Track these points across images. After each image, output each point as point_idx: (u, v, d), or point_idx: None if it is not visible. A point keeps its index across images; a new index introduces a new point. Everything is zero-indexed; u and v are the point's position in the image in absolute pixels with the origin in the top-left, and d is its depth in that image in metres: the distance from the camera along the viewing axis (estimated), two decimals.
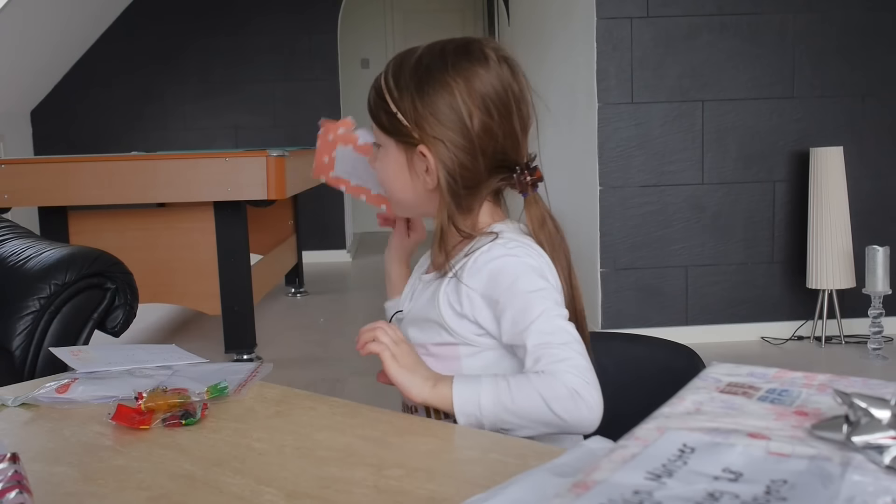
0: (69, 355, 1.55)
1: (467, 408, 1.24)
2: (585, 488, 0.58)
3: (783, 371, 0.80)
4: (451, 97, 1.36)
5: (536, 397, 1.22)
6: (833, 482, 0.58)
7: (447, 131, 1.36)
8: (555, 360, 1.25)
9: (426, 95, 1.36)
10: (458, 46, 1.41)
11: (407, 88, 1.38)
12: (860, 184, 4.80)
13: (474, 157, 1.38)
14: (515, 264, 1.35)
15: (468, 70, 1.37)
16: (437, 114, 1.36)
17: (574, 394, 1.21)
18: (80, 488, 1.02)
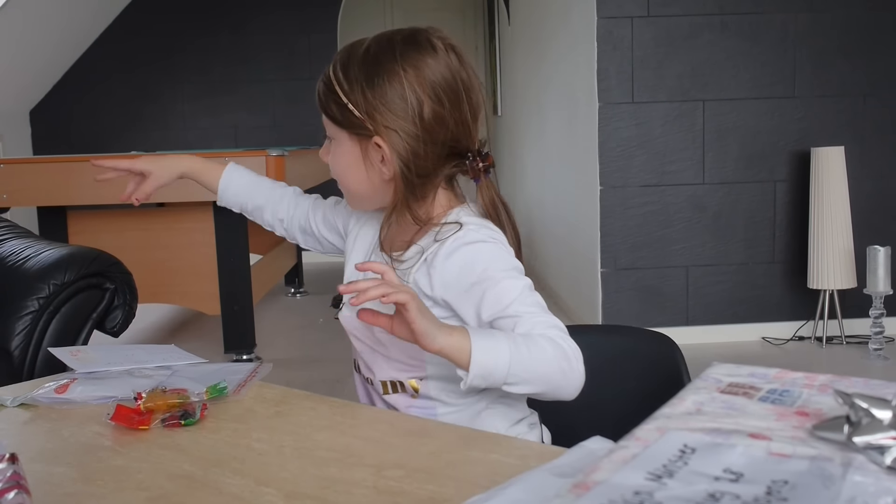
0: (68, 355, 1.55)
1: (485, 360, 1.23)
2: (586, 489, 0.59)
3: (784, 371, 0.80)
4: (402, 87, 1.37)
5: (550, 355, 1.25)
6: (834, 483, 0.58)
7: (399, 121, 1.37)
8: (548, 327, 1.29)
9: (377, 86, 1.37)
10: (406, 36, 1.42)
11: (357, 80, 1.38)
12: (861, 184, 4.79)
13: (426, 145, 1.39)
14: (490, 248, 1.39)
15: (417, 59, 1.39)
16: (388, 104, 1.37)
17: (574, 358, 1.27)
18: (79, 488, 1.02)
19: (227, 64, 8.23)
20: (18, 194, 4.48)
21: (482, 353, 1.23)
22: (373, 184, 1.44)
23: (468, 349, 1.23)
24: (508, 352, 1.23)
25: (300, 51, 8.28)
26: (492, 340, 1.25)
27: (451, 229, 1.41)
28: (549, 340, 1.27)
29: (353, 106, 1.38)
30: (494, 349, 1.23)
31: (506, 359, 1.23)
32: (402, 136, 1.38)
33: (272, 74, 8.25)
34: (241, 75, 8.24)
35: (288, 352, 4.99)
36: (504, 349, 1.23)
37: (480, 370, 1.23)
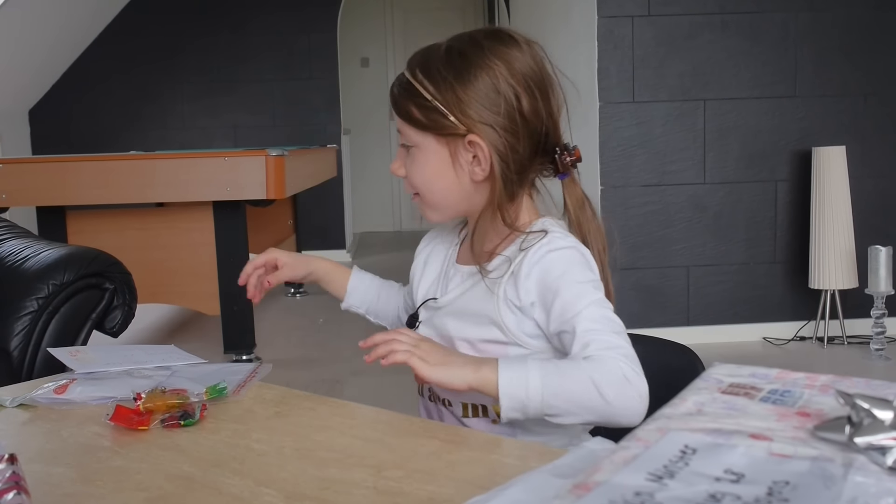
0: (67, 356, 1.54)
1: (514, 391, 1.19)
2: (586, 489, 0.59)
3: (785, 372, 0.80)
4: (495, 80, 1.33)
5: (586, 380, 1.17)
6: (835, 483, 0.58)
7: (495, 116, 1.33)
8: (605, 347, 1.22)
9: (468, 82, 1.33)
10: (487, 32, 1.39)
11: (444, 78, 1.34)
12: (863, 183, 4.78)
13: (521, 140, 1.35)
14: (571, 255, 1.34)
15: (505, 52, 1.35)
16: (482, 99, 1.33)
17: (624, 380, 1.17)
18: (78, 489, 1.01)
19: (226, 63, 8.22)
20: (17, 194, 4.47)
21: (509, 383, 1.19)
22: (463, 188, 1.39)
23: (495, 383, 1.20)
24: (540, 380, 1.18)
25: (300, 51, 8.25)
26: (521, 370, 1.20)
27: (537, 237, 1.36)
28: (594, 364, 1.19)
29: (443, 105, 1.34)
30: (524, 378, 1.19)
31: (537, 387, 1.18)
32: (499, 132, 1.33)
33: (272, 74, 8.24)
34: (241, 75, 8.23)
35: (288, 352, 4.97)
36: (535, 377, 1.19)
37: (511, 402, 1.19)
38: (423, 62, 1.37)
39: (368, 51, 10.07)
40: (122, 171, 4.53)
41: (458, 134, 1.34)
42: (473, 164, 1.36)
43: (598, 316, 1.27)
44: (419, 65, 1.37)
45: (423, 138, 1.37)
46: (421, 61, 1.38)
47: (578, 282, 1.30)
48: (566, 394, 1.18)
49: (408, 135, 1.39)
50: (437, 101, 1.34)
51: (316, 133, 8.17)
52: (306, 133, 8.12)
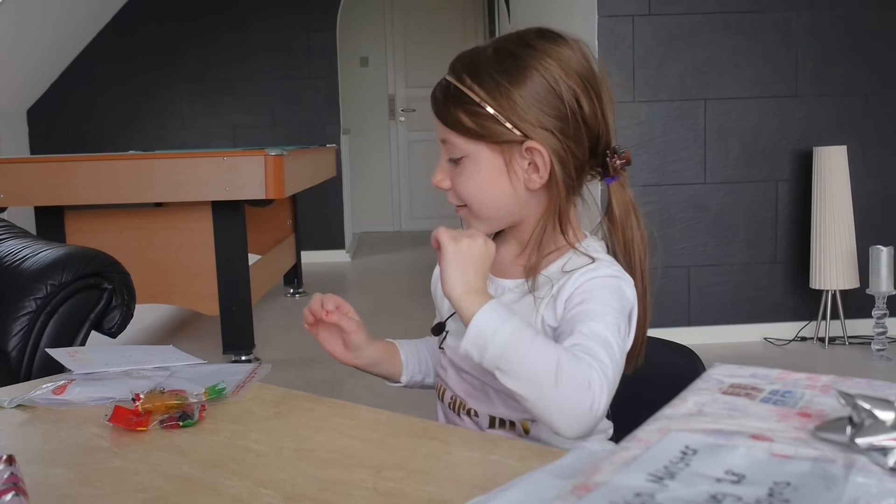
0: (66, 356, 1.53)
1: (483, 328, 1.13)
2: (586, 490, 0.58)
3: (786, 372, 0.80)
4: (553, 81, 1.26)
5: (552, 361, 1.10)
6: (836, 484, 0.58)
7: (553, 119, 1.26)
8: (589, 353, 1.14)
9: (523, 84, 1.25)
10: (536, 32, 1.32)
11: (497, 82, 1.26)
12: (864, 183, 4.78)
13: (580, 142, 1.29)
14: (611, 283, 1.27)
15: (557, 51, 1.28)
16: (540, 102, 1.26)
17: (586, 384, 1.10)
18: (77, 490, 1.01)
19: (225, 63, 8.21)
20: (15, 194, 4.46)
21: (486, 316, 1.14)
22: (517, 198, 1.31)
23: (472, 313, 1.15)
24: (510, 334, 1.12)
25: (299, 50, 8.24)
26: (502, 317, 1.14)
27: (584, 261, 1.29)
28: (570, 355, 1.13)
29: (498, 111, 1.26)
30: (499, 324, 1.13)
31: (505, 338, 1.12)
32: (559, 136, 1.27)
33: (271, 74, 8.23)
34: (240, 74, 8.22)
35: (287, 352, 4.95)
36: (509, 329, 1.13)
37: (476, 334, 1.14)
38: (471, 65, 1.30)
39: (368, 50, 10.04)
40: (121, 170, 4.52)
41: (515, 140, 1.27)
42: (530, 172, 1.29)
43: (601, 333, 1.19)
44: (466, 69, 1.30)
45: (474, 147, 1.29)
46: (468, 65, 1.30)
47: (604, 303, 1.23)
48: (527, 359, 1.11)
49: (456, 144, 1.30)
50: (490, 107, 1.26)
51: (315, 133, 8.16)
52: (305, 133, 8.11)
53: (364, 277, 7.63)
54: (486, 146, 1.29)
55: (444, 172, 1.34)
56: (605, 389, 1.11)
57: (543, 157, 1.27)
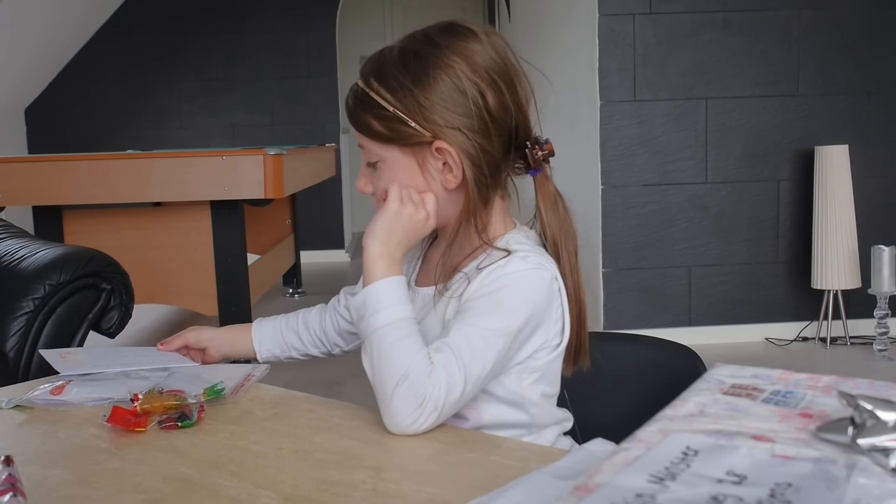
0: (56, 357, 1.52)
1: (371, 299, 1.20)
2: (587, 491, 0.58)
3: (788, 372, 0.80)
4: (457, 79, 1.24)
5: (403, 369, 1.14)
6: (838, 485, 0.58)
7: (461, 118, 1.25)
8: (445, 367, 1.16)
9: (428, 85, 1.24)
10: (442, 28, 1.31)
11: (402, 84, 1.25)
12: (866, 182, 4.77)
13: (491, 138, 1.27)
14: (521, 278, 1.26)
15: (463, 48, 1.27)
16: (445, 101, 1.24)
17: (420, 405, 1.13)
18: (75, 491, 1.01)
19: (224, 62, 8.20)
20: (13, 193, 4.43)
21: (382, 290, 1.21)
22: (442, 201, 1.30)
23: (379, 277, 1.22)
24: (389, 320, 1.18)
25: (298, 49, 8.23)
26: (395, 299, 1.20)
27: (498, 255, 1.28)
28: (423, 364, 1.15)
29: (405, 113, 1.25)
30: (389, 301, 1.20)
31: (382, 320, 1.18)
32: (468, 134, 1.25)
33: (270, 73, 8.22)
34: (239, 73, 8.21)
35: None
36: (391, 315, 1.18)
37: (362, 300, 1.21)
38: (377, 69, 1.29)
39: (368, 49, 9.70)
40: (119, 170, 4.47)
41: (425, 142, 1.26)
42: (444, 172, 1.28)
43: (474, 343, 1.19)
44: (373, 72, 1.29)
45: (387, 151, 1.29)
46: (374, 68, 1.29)
47: (497, 304, 1.23)
48: (385, 352, 1.16)
49: (371, 149, 1.30)
50: (397, 110, 1.25)
51: (315, 132, 8.16)
52: (305, 132, 8.11)
53: None
54: (398, 149, 1.28)
55: (365, 178, 1.35)
56: (435, 411, 1.13)
57: (453, 156, 1.26)
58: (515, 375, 1.29)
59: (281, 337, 1.62)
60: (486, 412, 1.29)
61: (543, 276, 1.27)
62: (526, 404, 1.31)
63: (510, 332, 1.22)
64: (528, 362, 1.29)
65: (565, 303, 1.30)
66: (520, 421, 1.31)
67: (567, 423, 1.40)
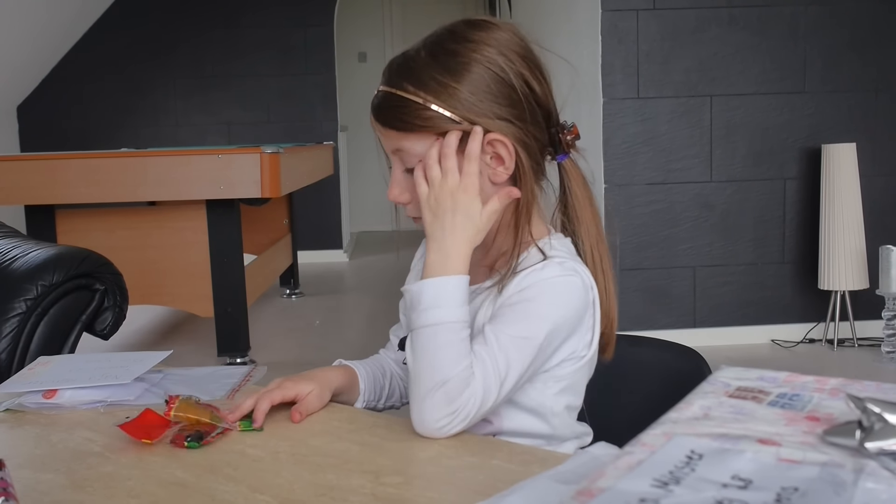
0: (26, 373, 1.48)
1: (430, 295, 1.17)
2: (590, 496, 0.58)
3: (794, 375, 0.79)
4: (498, 69, 1.22)
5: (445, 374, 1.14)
6: (846, 489, 0.58)
7: (507, 108, 1.23)
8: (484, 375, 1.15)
9: (469, 79, 1.21)
10: (463, 23, 1.29)
11: (442, 83, 1.21)
12: (873, 181, 4.74)
13: (539, 125, 1.26)
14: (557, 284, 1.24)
15: (492, 37, 1.24)
16: (490, 93, 1.22)
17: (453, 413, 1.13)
18: (68, 496, 1.01)
19: (220, 59, 8.18)
20: (5, 192, 4.46)
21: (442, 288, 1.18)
22: (484, 194, 1.24)
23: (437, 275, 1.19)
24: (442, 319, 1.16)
25: (296, 45, 8.21)
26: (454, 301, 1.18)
27: (536, 258, 1.26)
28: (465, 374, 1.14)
29: (451, 111, 1.21)
30: (447, 301, 1.17)
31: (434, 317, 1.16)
32: (517, 123, 1.23)
33: (267, 69, 8.20)
34: (235, 70, 8.19)
35: (283, 355, 4.93)
36: (445, 314, 1.16)
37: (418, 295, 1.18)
38: (410, 72, 1.24)
39: (366, 45, 10.02)
40: (113, 169, 4.49)
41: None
42: (495, 164, 1.25)
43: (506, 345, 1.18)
44: (405, 76, 1.25)
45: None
46: (406, 72, 1.25)
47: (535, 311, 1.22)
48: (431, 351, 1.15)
49: (413, 151, 1.25)
50: (443, 109, 1.21)
51: (312, 130, 8.13)
52: (302, 130, 8.09)
53: (362, 278, 7.62)
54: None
55: (400, 186, 1.30)
56: (466, 420, 1.14)
57: (507, 147, 1.23)
58: (540, 384, 1.27)
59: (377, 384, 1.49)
60: (508, 419, 1.27)
61: (579, 283, 1.25)
62: (548, 415, 1.29)
63: (544, 341, 1.21)
64: (554, 370, 1.27)
65: (598, 313, 1.29)
66: (541, 432, 1.30)
67: (587, 437, 1.38)
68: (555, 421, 1.29)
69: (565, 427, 1.32)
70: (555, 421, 1.29)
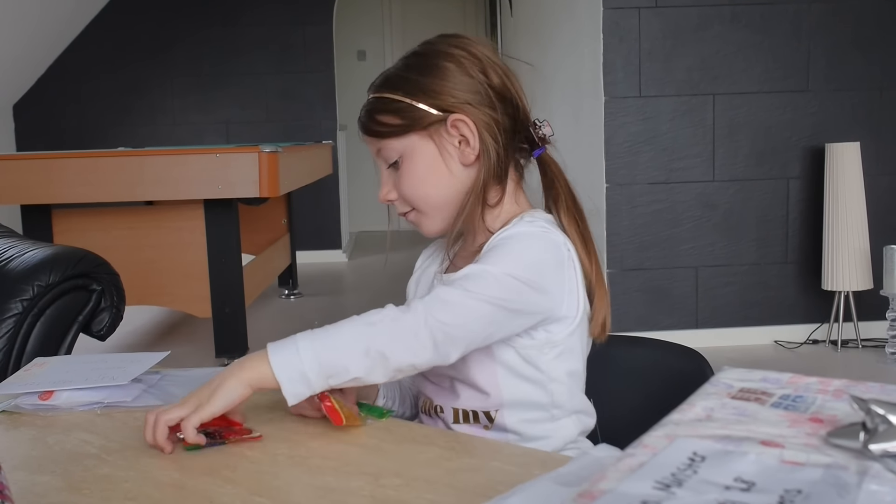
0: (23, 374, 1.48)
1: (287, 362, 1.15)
2: (591, 498, 0.58)
3: (797, 376, 0.80)
4: (460, 65, 1.35)
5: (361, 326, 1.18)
6: (849, 492, 0.57)
7: (469, 94, 1.34)
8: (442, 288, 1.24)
9: (434, 73, 1.35)
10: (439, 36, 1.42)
11: (408, 79, 1.36)
12: (877, 181, 4.72)
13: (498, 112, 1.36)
14: (533, 234, 1.33)
15: (458, 40, 1.39)
16: (453, 82, 1.35)
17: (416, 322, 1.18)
18: (65, 498, 1.01)
19: (218, 57, 8.16)
20: (1, 192, 4.46)
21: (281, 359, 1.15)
22: (456, 178, 1.37)
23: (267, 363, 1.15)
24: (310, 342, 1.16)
25: (294, 43, 8.19)
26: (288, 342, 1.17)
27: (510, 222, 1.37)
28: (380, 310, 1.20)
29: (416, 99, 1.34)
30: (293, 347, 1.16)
31: (308, 348, 1.15)
32: (478, 106, 1.34)
33: (265, 68, 8.18)
34: (233, 69, 8.17)
35: None
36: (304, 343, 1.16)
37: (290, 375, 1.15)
38: (385, 78, 1.40)
39: (365, 44, 10.02)
40: (110, 168, 4.48)
41: (439, 120, 1.35)
42: (462, 146, 1.36)
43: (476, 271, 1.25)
44: (382, 82, 1.40)
45: (405, 142, 1.37)
46: (383, 79, 1.40)
47: (511, 251, 1.29)
48: (343, 345, 1.16)
49: (390, 148, 1.38)
50: (409, 99, 1.35)
51: (311, 129, 8.12)
52: (301, 129, 8.07)
53: (361, 278, 7.61)
54: (416, 136, 1.36)
55: (387, 185, 1.42)
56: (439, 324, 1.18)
57: (469, 126, 1.34)
58: (535, 350, 1.32)
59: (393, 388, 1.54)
60: (507, 389, 1.33)
61: (551, 238, 1.33)
62: (546, 382, 1.34)
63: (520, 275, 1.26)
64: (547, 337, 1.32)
65: (580, 274, 1.34)
66: (541, 401, 1.34)
67: (588, 419, 1.42)
68: (554, 387, 1.34)
69: (565, 395, 1.36)
70: (554, 387, 1.34)
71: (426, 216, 1.41)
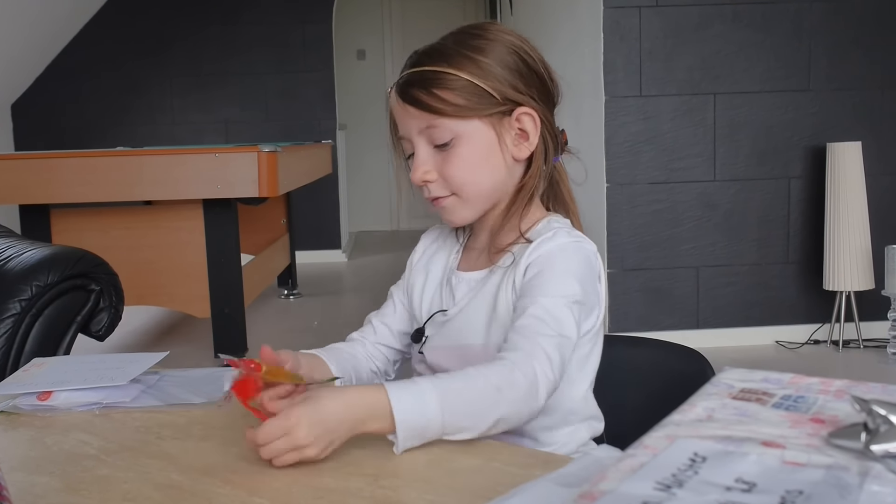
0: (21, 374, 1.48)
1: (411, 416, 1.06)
2: (592, 499, 0.58)
3: (799, 376, 0.79)
4: (519, 49, 1.31)
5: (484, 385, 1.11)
6: (851, 492, 0.57)
7: (531, 88, 1.31)
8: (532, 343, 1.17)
9: (495, 57, 1.30)
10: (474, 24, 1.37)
11: (472, 59, 1.29)
12: (879, 180, 4.71)
13: (553, 107, 1.35)
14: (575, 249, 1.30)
15: (524, 38, 1.35)
16: (516, 71, 1.30)
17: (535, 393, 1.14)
18: (63, 499, 1.01)
19: (217, 56, 8.16)
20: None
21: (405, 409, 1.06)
22: (508, 169, 1.34)
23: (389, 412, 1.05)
24: (437, 396, 1.07)
25: (294, 42, 8.18)
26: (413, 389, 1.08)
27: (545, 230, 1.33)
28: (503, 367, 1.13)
29: (485, 83, 1.28)
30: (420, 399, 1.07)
31: (436, 405, 1.07)
32: (538, 101, 1.31)
33: (264, 67, 8.18)
34: (233, 68, 8.17)
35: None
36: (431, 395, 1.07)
37: (409, 431, 1.06)
38: (439, 52, 1.32)
39: (365, 43, 10.01)
40: (109, 167, 4.47)
41: (504, 111, 1.30)
42: (520, 140, 1.33)
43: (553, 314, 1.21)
44: (436, 55, 1.31)
45: (466, 125, 1.30)
46: (436, 52, 1.32)
47: (562, 271, 1.27)
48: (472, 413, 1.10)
49: (445, 127, 1.30)
50: (477, 81, 1.28)
51: (310, 128, 8.11)
52: (300, 128, 8.06)
53: (361, 278, 7.60)
54: (478, 121, 1.30)
55: (428, 164, 1.33)
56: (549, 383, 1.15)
57: (535, 121, 1.32)
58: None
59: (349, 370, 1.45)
60: None
61: (586, 250, 1.32)
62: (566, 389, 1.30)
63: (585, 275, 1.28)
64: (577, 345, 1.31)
65: (604, 285, 1.35)
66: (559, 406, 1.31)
67: (598, 424, 1.41)
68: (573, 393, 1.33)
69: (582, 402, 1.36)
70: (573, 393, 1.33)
71: (465, 203, 1.35)
